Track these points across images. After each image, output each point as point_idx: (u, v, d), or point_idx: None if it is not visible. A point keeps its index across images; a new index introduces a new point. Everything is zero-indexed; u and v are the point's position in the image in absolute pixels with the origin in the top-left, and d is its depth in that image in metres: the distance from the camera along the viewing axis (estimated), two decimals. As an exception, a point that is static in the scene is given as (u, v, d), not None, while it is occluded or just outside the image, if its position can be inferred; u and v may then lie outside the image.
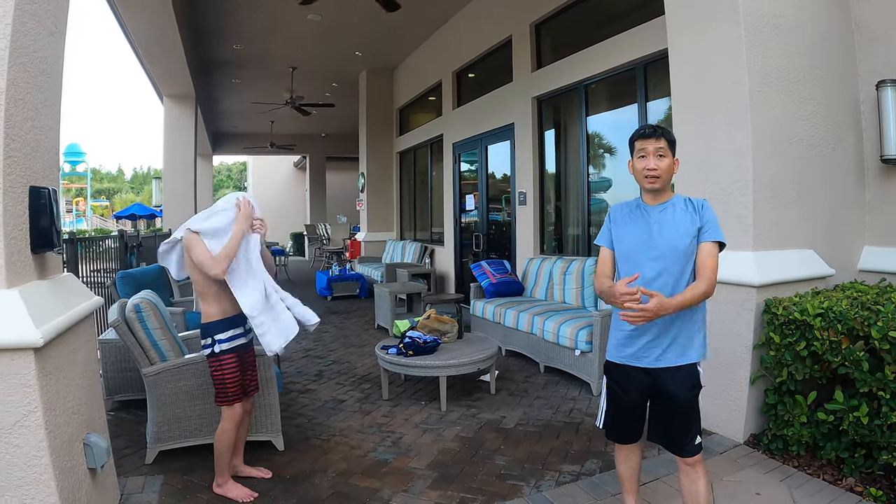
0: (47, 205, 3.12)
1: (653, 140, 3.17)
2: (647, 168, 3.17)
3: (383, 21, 11.97)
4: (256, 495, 4.11)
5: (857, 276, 5.51)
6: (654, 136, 3.18)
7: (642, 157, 3.20)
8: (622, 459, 3.50)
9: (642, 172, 3.20)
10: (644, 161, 3.19)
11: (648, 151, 3.17)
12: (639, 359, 3.20)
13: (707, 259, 3.15)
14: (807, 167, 5.18)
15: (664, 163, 3.17)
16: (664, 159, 3.17)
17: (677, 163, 3.27)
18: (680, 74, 5.46)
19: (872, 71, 5.47)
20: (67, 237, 6.14)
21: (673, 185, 4.36)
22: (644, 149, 3.19)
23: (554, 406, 5.98)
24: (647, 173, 3.17)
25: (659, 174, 3.16)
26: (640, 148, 3.21)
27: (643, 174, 3.20)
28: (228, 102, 20.78)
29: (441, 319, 6.68)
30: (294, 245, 31.89)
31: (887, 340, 3.74)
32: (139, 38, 11.19)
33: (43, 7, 3.14)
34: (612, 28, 7.75)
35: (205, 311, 4.11)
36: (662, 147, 3.16)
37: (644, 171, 3.19)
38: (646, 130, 3.22)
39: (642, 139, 3.21)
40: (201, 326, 4.14)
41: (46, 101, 3.24)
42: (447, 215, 13.15)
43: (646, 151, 3.18)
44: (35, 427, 2.81)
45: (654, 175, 3.16)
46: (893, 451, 3.79)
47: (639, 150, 3.22)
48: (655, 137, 3.17)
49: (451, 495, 4.13)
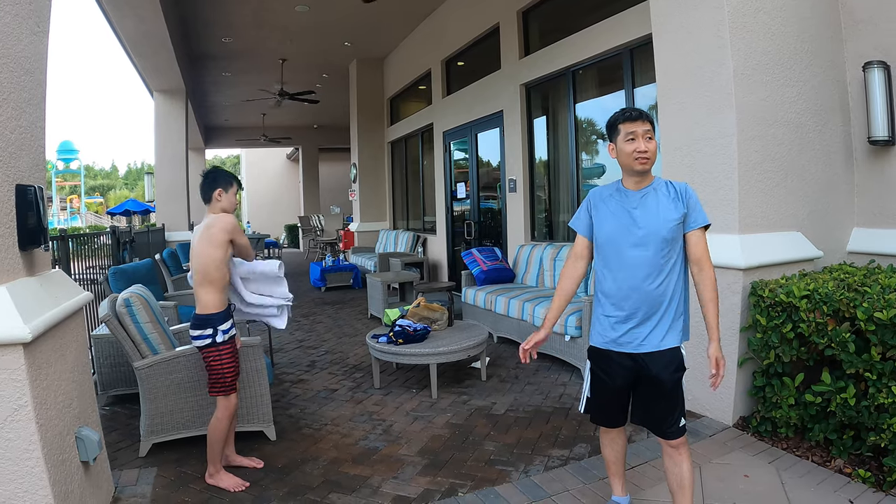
0: (34, 202, 3.14)
1: (641, 122, 3.16)
2: (637, 150, 3.14)
3: (371, 11, 11.96)
4: (248, 485, 4.15)
5: (846, 257, 5.54)
6: (641, 119, 3.16)
7: (631, 140, 3.16)
8: (607, 443, 3.53)
9: (632, 155, 3.16)
10: (634, 143, 3.15)
11: (638, 134, 3.15)
12: (622, 344, 3.21)
13: (701, 249, 3.18)
14: (793, 150, 5.19)
15: (653, 145, 3.17)
16: (652, 141, 3.17)
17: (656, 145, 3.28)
18: (664, 59, 5.47)
19: (858, 52, 5.48)
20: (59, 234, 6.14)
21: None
22: (633, 131, 3.16)
23: (544, 391, 6.02)
24: (639, 156, 3.15)
25: (649, 156, 3.15)
26: (628, 131, 3.17)
27: (634, 156, 3.16)
28: (219, 96, 20.69)
29: (431, 307, 6.70)
30: (288, 237, 31.88)
31: (873, 321, 3.77)
32: (127, 33, 11.12)
33: (25, 7, 3.14)
34: (599, 14, 7.75)
35: (205, 302, 4.14)
36: (649, 129, 3.16)
37: (635, 154, 3.15)
38: (632, 113, 3.20)
39: (629, 122, 3.18)
40: (200, 317, 4.14)
41: (31, 99, 3.24)
42: (439, 204, 13.16)
43: (635, 134, 3.15)
44: (26, 421, 2.84)
45: (645, 157, 3.15)
46: (881, 432, 3.81)
47: (627, 133, 3.18)
48: (643, 120, 3.16)
49: (441, 481, 4.17)
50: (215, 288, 4.15)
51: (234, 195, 4.40)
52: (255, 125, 25.58)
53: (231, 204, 4.37)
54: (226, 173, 4.45)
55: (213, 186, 4.31)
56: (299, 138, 28.51)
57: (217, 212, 4.30)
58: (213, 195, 4.31)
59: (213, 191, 4.30)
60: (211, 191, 4.31)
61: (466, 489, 4.05)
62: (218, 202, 4.31)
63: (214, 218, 4.22)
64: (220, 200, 4.31)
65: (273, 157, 34.98)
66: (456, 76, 12.64)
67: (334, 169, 31.07)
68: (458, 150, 12.46)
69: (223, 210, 4.32)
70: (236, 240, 4.22)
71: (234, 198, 4.40)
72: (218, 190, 4.30)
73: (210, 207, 4.34)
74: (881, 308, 3.73)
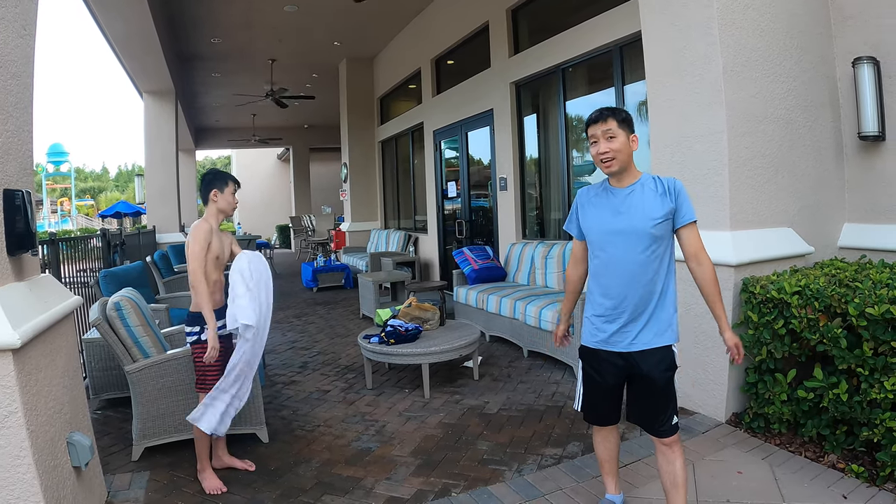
0: (22, 207, 3.11)
1: (599, 124, 3.14)
2: (598, 153, 3.15)
3: (360, 10, 11.95)
4: (225, 490, 4.14)
5: (837, 253, 5.55)
6: (600, 120, 3.15)
7: (594, 143, 3.18)
8: (600, 441, 3.53)
9: (597, 158, 3.18)
10: (595, 147, 3.17)
11: (598, 136, 3.15)
12: (613, 343, 3.20)
13: (696, 243, 3.17)
14: (783, 146, 5.20)
15: (616, 143, 3.12)
16: (615, 140, 3.12)
17: (635, 139, 3.20)
18: (654, 56, 5.47)
19: (848, 48, 5.49)
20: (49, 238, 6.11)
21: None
22: (594, 135, 3.17)
23: (537, 390, 6.02)
24: (601, 157, 3.15)
25: (612, 156, 3.12)
26: (590, 135, 3.20)
27: (598, 160, 3.18)
28: (209, 97, 20.65)
29: (422, 307, 6.70)
30: (280, 237, 31.85)
31: (864, 317, 3.76)
32: (115, 34, 11.08)
33: (11, 10, 3.11)
34: (588, 11, 7.77)
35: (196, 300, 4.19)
36: (611, 128, 3.12)
37: (597, 157, 3.17)
38: (592, 115, 3.20)
39: (590, 125, 3.19)
40: (192, 315, 4.19)
41: (18, 103, 3.22)
42: (430, 203, 13.16)
43: (595, 137, 3.16)
44: (16, 427, 2.81)
45: (608, 157, 3.13)
46: (873, 427, 3.81)
47: (590, 137, 3.20)
48: (602, 121, 3.14)
49: (434, 482, 4.17)
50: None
51: (232, 195, 4.44)
52: (245, 126, 25.56)
53: (228, 203, 4.41)
54: (222, 173, 4.49)
55: (209, 188, 4.37)
56: (290, 138, 28.47)
57: (213, 212, 4.35)
58: (209, 196, 4.36)
59: (208, 192, 4.36)
60: (207, 192, 4.37)
61: (460, 489, 4.05)
62: (214, 202, 4.36)
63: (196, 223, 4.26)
64: (215, 201, 4.36)
65: (264, 158, 34.89)
66: (446, 75, 12.65)
67: (325, 169, 31.03)
68: (449, 148, 12.46)
69: (220, 210, 4.37)
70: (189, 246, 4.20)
71: (232, 198, 4.43)
72: (213, 191, 4.35)
73: (207, 208, 4.39)
74: (873, 303, 3.72)
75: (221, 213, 4.38)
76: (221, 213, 4.38)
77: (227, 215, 4.46)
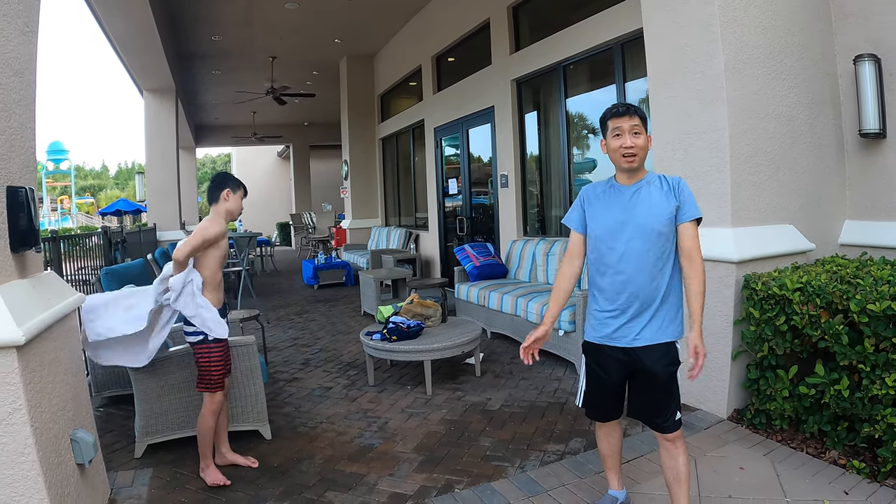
0: (25, 204, 3.12)
1: (627, 118, 3.13)
2: (623, 146, 3.13)
3: (361, 7, 11.97)
4: (229, 483, 4.17)
5: (838, 250, 5.55)
6: (628, 114, 3.13)
7: (618, 136, 3.15)
8: (603, 437, 3.54)
9: (619, 151, 3.15)
10: (620, 139, 3.14)
11: (624, 129, 3.12)
12: (616, 339, 3.21)
13: (691, 241, 3.15)
14: (785, 143, 5.20)
15: (640, 140, 3.13)
16: (639, 136, 3.13)
17: (650, 140, 3.24)
18: (655, 53, 5.47)
19: (849, 45, 5.48)
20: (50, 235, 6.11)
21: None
22: (619, 127, 3.14)
23: (539, 386, 6.03)
24: (625, 151, 3.13)
25: (636, 152, 3.12)
26: (614, 127, 3.16)
27: (620, 153, 3.15)
28: (209, 94, 20.63)
29: (424, 304, 6.70)
30: (280, 235, 31.82)
31: (866, 313, 3.77)
32: (115, 32, 11.07)
33: (14, 7, 3.12)
34: (589, 8, 7.75)
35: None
36: (637, 124, 3.12)
37: (621, 150, 3.14)
38: (619, 109, 3.18)
39: (616, 117, 3.16)
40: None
41: (21, 100, 3.22)
42: (431, 200, 13.16)
43: (621, 130, 3.13)
44: (20, 425, 2.83)
45: (632, 153, 3.12)
46: (875, 423, 3.82)
47: (613, 128, 3.17)
48: (630, 115, 3.13)
49: (437, 478, 4.18)
50: (206, 287, 4.22)
51: (240, 199, 4.49)
52: (245, 123, 25.53)
53: (237, 206, 4.45)
54: (234, 178, 4.55)
55: (223, 186, 4.40)
56: (290, 136, 28.46)
57: (221, 212, 4.37)
58: (221, 195, 4.38)
59: (221, 190, 4.39)
60: (219, 190, 4.39)
61: (463, 485, 4.06)
62: (225, 202, 4.39)
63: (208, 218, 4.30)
64: (227, 200, 4.40)
65: (264, 155, 34.88)
66: (446, 72, 12.63)
67: (325, 166, 31.04)
68: (450, 146, 12.45)
69: (228, 210, 4.40)
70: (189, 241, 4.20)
71: (240, 202, 4.49)
72: (226, 190, 4.40)
73: (215, 207, 4.39)
74: (874, 300, 3.73)
75: (229, 213, 4.40)
76: (229, 213, 4.40)
77: (233, 217, 4.47)
